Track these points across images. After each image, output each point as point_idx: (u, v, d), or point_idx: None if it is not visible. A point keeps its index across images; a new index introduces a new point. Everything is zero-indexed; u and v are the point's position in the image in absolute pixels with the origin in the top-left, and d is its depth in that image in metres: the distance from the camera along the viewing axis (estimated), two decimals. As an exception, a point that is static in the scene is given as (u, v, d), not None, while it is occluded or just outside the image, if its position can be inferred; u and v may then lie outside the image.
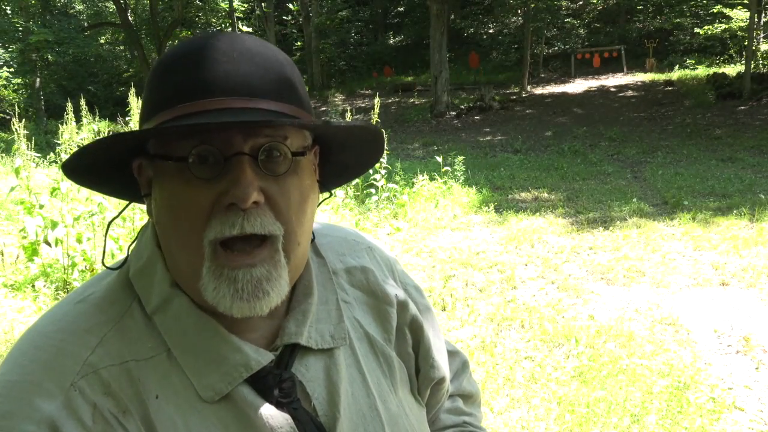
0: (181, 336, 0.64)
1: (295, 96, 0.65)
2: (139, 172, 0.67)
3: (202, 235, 0.60)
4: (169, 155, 0.61)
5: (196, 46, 0.63)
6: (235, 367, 0.64)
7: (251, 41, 0.65)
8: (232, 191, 0.59)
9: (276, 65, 0.64)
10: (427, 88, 18.64)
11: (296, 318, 0.69)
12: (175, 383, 0.63)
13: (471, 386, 0.98)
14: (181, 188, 0.61)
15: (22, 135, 4.13)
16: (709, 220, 5.87)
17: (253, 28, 26.06)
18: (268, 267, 0.62)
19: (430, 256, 5.09)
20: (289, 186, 0.63)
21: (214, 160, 0.60)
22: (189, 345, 0.64)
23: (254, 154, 0.60)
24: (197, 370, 0.63)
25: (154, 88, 0.63)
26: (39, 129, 14.89)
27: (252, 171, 0.60)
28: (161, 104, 0.62)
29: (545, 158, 10.59)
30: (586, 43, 22.99)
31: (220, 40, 0.63)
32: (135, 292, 0.66)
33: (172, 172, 0.61)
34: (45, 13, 21.59)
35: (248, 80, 0.61)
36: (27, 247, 3.98)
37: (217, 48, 0.62)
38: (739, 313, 3.83)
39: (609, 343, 3.45)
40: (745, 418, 2.74)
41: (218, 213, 0.60)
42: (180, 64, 0.62)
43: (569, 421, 2.71)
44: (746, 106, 13.68)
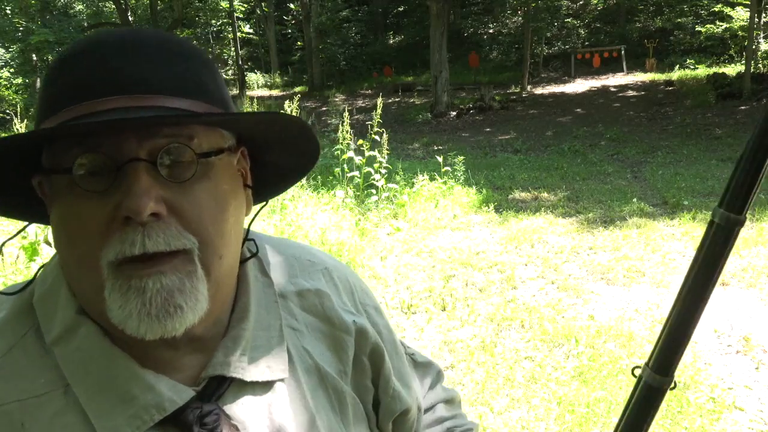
0: (83, 370, 0.55)
1: (203, 90, 0.56)
2: (41, 190, 0.58)
3: (97, 251, 0.52)
4: (56, 168, 0.53)
5: (85, 45, 0.56)
6: (145, 409, 0.55)
7: (151, 35, 0.57)
8: (125, 203, 0.51)
9: (178, 58, 0.56)
10: (427, 88, 18.64)
11: (226, 346, 0.60)
12: (70, 424, 0.54)
13: (447, 393, 0.93)
14: (72, 204, 0.53)
15: (23, 135, 4.14)
16: (709, 220, 5.87)
17: (253, 28, 26.09)
18: (180, 276, 0.53)
19: (430, 256, 5.10)
20: (198, 193, 0.55)
21: (105, 170, 0.52)
22: (93, 381, 0.55)
23: (152, 159, 0.52)
24: (100, 411, 0.54)
25: (41, 93, 0.57)
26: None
27: (149, 178, 0.52)
28: (47, 109, 0.55)
29: (545, 158, 10.59)
30: (587, 43, 23.00)
31: (112, 36, 0.56)
32: (33, 320, 0.58)
33: (62, 186, 0.54)
34: (45, 13, 21.60)
35: (142, 76, 0.53)
36: (27, 247, 3.98)
37: (108, 44, 0.55)
38: (739, 313, 3.83)
39: (609, 343, 3.45)
40: (745, 418, 2.74)
41: (115, 229, 0.52)
42: (67, 65, 0.55)
43: (569, 421, 2.71)
44: (746, 106, 13.68)
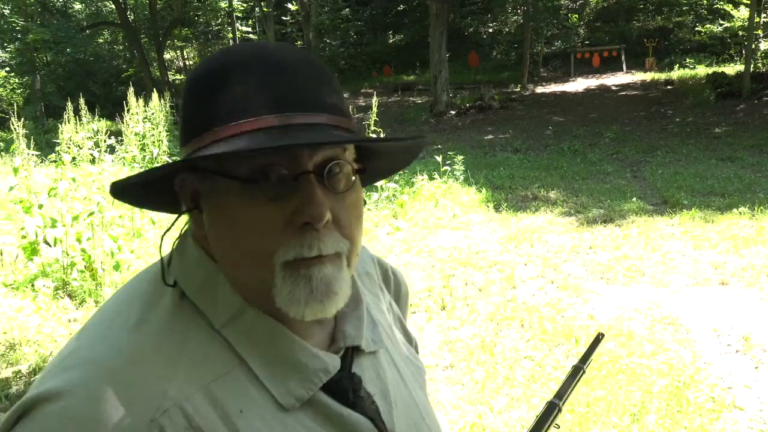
0: (255, 346, 0.63)
1: (343, 107, 0.64)
2: (182, 186, 0.65)
3: (273, 253, 0.59)
4: (230, 173, 0.59)
5: (245, 58, 0.61)
6: (314, 373, 0.64)
7: (296, 52, 0.64)
8: (308, 211, 0.58)
9: (325, 77, 0.64)
10: (427, 87, 18.64)
11: (352, 323, 0.71)
12: (253, 395, 0.61)
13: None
14: (247, 207, 0.59)
15: (21, 134, 4.13)
16: (708, 219, 5.87)
17: (252, 27, 26.06)
18: (333, 268, 0.62)
19: (429, 255, 5.09)
20: (349, 202, 0.63)
21: (282, 179, 0.59)
22: (265, 354, 0.63)
23: (319, 171, 0.60)
24: (275, 379, 0.62)
25: (205, 101, 0.61)
26: (38, 128, 14.87)
27: (321, 189, 0.59)
28: (217, 119, 0.60)
29: (545, 158, 10.58)
30: (587, 42, 22.99)
31: (267, 51, 0.62)
32: (191, 311, 0.63)
33: (234, 190, 0.59)
34: (44, 12, 21.58)
35: (306, 94, 0.61)
36: (26, 246, 3.98)
37: (268, 61, 0.61)
38: (739, 312, 3.83)
39: (608, 343, 3.45)
40: (744, 417, 2.74)
41: (292, 233, 0.59)
42: (236, 78, 0.60)
43: (569, 421, 2.71)
44: (746, 105, 13.68)
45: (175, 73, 27.88)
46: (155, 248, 4.71)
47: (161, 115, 8.13)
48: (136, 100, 7.66)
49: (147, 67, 19.87)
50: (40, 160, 6.74)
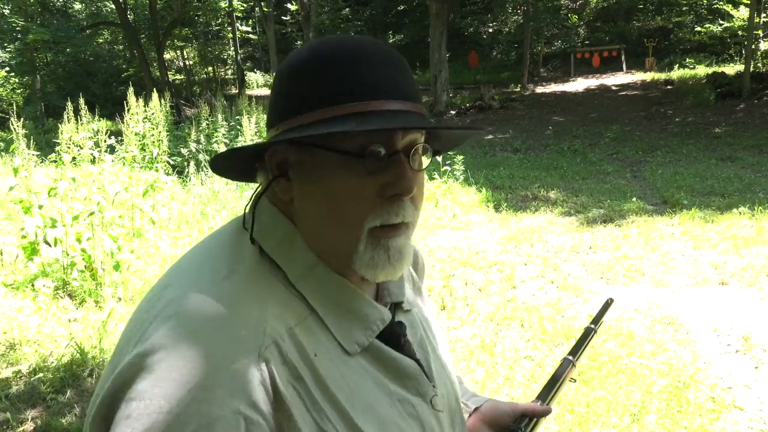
0: (325, 298, 0.71)
1: (420, 96, 0.74)
2: (272, 156, 0.73)
3: (364, 219, 0.68)
4: (334, 147, 0.67)
5: (350, 49, 0.69)
6: (374, 321, 0.73)
7: (387, 47, 0.73)
8: (399, 184, 0.68)
9: (408, 69, 0.73)
10: (427, 87, 18.63)
11: (396, 282, 0.81)
12: (323, 341, 0.68)
13: None
14: (347, 178, 0.68)
15: (21, 134, 4.13)
16: (708, 219, 5.87)
17: (252, 28, 26.06)
18: (404, 238, 0.72)
19: (429, 255, 5.09)
20: (421, 180, 0.74)
21: (378, 157, 0.67)
22: (333, 305, 0.71)
23: (406, 151, 0.69)
24: (341, 327, 0.70)
25: (314, 83, 0.68)
26: (38, 128, 14.87)
27: (408, 167, 0.69)
28: (330, 99, 0.67)
29: (545, 157, 10.58)
30: (587, 42, 22.98)
31: (366, 44, 0.71)
32: (270, 265, 0.71)
33: (335, 162, 0.67)
34: (44, 12, 21.57)
35: (399, 84, 0.70)
36: (26, 246, 3.98)
37: (368, 52, 0.69)
38: (739, 312, 3.83)
39: (608, 343, 3.45)
40: (744, 417, 2.74)
41: (382, 202, 0.68)
42: (344, 64, 0.68)
43: (569, 421, 2.71)
44: (746, 105, 13.68)
45: (175, 73, 27.87)
46: (155, 248, 4.71)
47: (161, 115, 8.13)
48: (136, 100, 7.65)
49: (147, 67, 19.85)
50: (40, 160, 6.74)
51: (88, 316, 3.64)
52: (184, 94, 23.21)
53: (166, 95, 10.93)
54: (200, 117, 9.41)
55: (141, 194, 5.04)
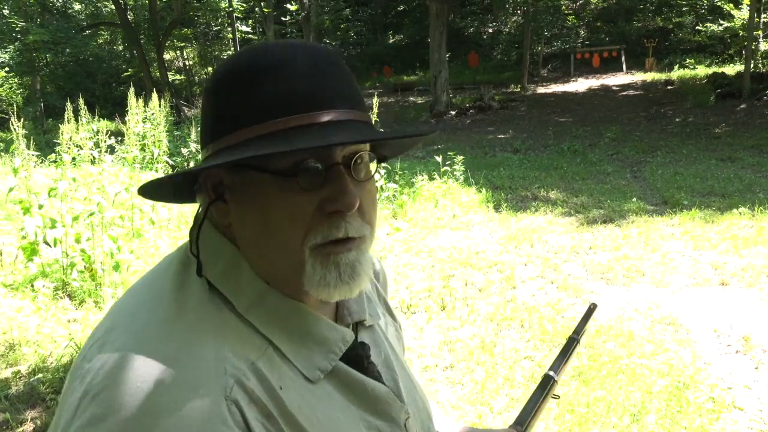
0: (278, 326, 0.66)
1: (361, 99, 0.69)
2: (205, 178, 0.68)
3: (302, 239, 0.64)
4: (266, 168, 0.63)
5: (278, 57, 0.64)
6: (335, 343, 0.69)
7: (323, 51, 0.67)
8: (340, 200, 0.63)
9: (349, 75, 0.68)
10: (427, 87, 18.63)
11: (355, 299, 0.77)
12: (285, 371, 0.64)
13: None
14: (281, 198, 0.63)
15: (21, 134, 4.13)
16: (708, 219, 5.87)
17: (252, 28, 26.05)
18: (357, 253, 0.66)
19: (429, 255, 5.09)
20: (369, 189, 0.68)
21: (316, 171, 0.63)
22: (288, 333, 0.66)
23: (347, 162, 0.65)
24: (300, 355, 0.66)
25: (242, 99, 0.63)
26: (38, 128, 14.87)
27: (349, 179, 0.64)
28: (257, 115, 0.62)
29: (545, 158, 10.58)
30: (587, 43, 22.99)
31: (296, 49, 0.65)
32: (220, 297, 0.65)
33: (267, 182, 0.63)
34: (44, 12, 21.56)
35: (336, 90, 0.64)
36: (26, 247, 3.97)
37: (300, 60, 0.64)
38: (739, 312, 3.83)
39: (608, 343, 3.45)
40: (744, 417, 2.74)
41: (322, 219, 0.64)
42: (271, 75, 0.63)
43: (569, 421, 2.71)
44: (746, 105, 13.68)
45: (175, 73, 27.88)
46: (154, 248, 4.71)
47: (161, 116, 8.13)
48: (136, 100, 7.66)
49: (147, 67, 19.85)
50: (39, 160, 6.74)
51: (88, 317, 3.64)
52: (184, 94, 23.22)
53: (166, 95, 10.93)
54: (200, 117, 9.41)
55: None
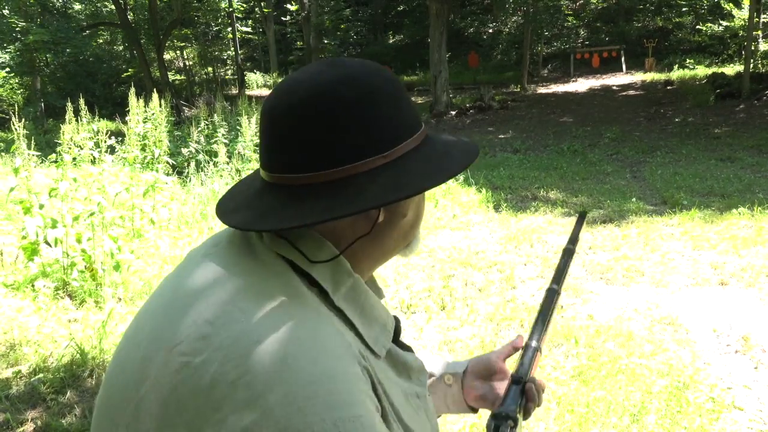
0: (359, 310, 0.71)
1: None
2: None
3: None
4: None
5: (391, 76, 0.73)
6: (390, 323, 0.74)
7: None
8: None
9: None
10: (427, 87, 18.64)
11: (374, 281, 0.85)
12: (367, 352, 0.69)
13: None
14: (422, 201, 0.80)
15: (22, 135, 4.13)
16: (708, 219, 5.87)
17: (252, 28, 26.06)
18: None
19: (429, 255, 5.09)
20: None
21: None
22: (361, 314, 0.71)
23: None
24: (370, 334, 0.70)
25: (394, 113, 0.70)
26: (38, 129, 14.87)
27: None
28: (408, 130, 0.71)
29: (544, 158, 10.58)
30: (587, 43, 23.00)
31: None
32: (310, 287, 0.69)
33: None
34: (44, 12, 21.55)
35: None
36: (26, 247, 3.98)
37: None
38: (738, 312, 3.83)
39: (608, 343, 3.45)
40: (744, 417, 2.74)
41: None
42: (403, 93, 0.73)
43: (569, 421, 2.71)
44: (745, 105, 13.69)
45: (175, 73, 27.88)
46: (155, 248, 4.71)
47: (162, 116, 8.13)
48: (137, 100, 7.66)
49: (147, 67, 19.84)
50: (40, 160, 6.75)
51: (88, 317, 3.64)
52: (184, 94, 23.22)
53: (166, 96, 10.93)
54: (200, 117, 9.42)
55: (141, 195, 5.05)
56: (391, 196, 0.65)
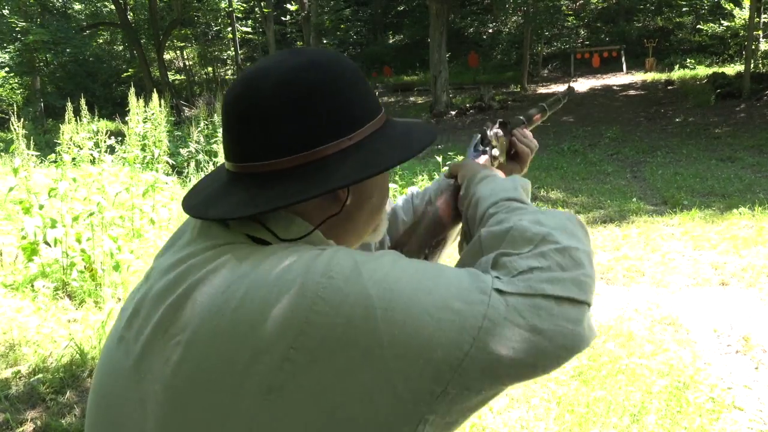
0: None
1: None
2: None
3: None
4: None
5: (351, 64, 0.75)
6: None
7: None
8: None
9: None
10: (427, 87, 18.63)
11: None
12: None
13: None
14: (385, 181, 0.80)
15: (21, 135, 4.13)
16: (708, 219, 5.86)
17: (252, 28, 26.06)
18: None
19: (429, 255, 5.09)
20: None
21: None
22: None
23: None
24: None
25: (357, 97, 0.72)
26: (38, 129, 14.87)
27: None
28: (371, 113, 0.73)
29: (545, 158, 10.58)
30: (587, 43, 22.99)
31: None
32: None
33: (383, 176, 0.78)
34: (44, 12, 21.55)
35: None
36: (26, 247, 3.98)
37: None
38: (739, 312, 3.83)
39: (608, 343, 3.45)
40: (744, 417, 2.74)
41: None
42: (363, 79, 0.74)
43: (569, 421, 2.71)
44: (746, 105, 13.68)
45: (175, 73, 27.88)
46: (154, 248, 4.70)
47: (162, 116, 8.13)
48: (137, 100, 7.66)
49: (147, 67, 19.86)
50: (39, 160, 6.75)
51: (88, 317, 3.64)
52: (184, 94, 23.22)
53: (166, 96, 10.93)
54: (200, 117, 9.42)
55: (141, 195, 5.04)
56: (361, 174, 0.67)
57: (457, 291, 0.60)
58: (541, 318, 0.59)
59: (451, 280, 0.61)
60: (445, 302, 0.58)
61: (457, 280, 0.61)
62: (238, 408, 0.57)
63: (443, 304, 0.58)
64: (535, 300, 0.60)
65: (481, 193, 0.85)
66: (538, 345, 0.59)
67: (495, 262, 0.65)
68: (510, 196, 0.82)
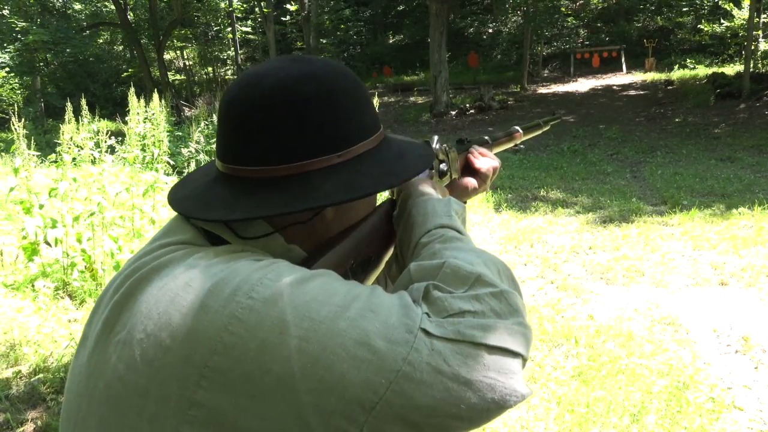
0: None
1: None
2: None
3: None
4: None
5: (357, 79, 0.75)
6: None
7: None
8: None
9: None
10: (427, 87, 18.63)
11: None
12: None
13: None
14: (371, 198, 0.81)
15: (22, 135, 4.13)
16: (708, 219, 5.87)
17: (252, 28, 26.06)
18: None
19: (429, 255, 5.09)
20: None
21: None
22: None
23: None
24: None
25: (354, 113, 0.71)
26: (38, 129, 14.86)
27: None
28: (367, 131, 0.73)
29: (545, 158, 10.58)
30: (587, 43, 22.99)
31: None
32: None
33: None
34: (44, 12, 21.55)
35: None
36: (26, 247, 3.98)
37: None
38: (739, 312, 3.83)
39: (608, 343, 3.45)
40: (744, 417, 2.74)
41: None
42: (365, 94, 0.73)
43: (569, 421, 2.71)
44: (746, 105, 13.68)
45: (175, 73, 27.87)
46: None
47: (162, 116, 8.13)
48: (137, 100, 7.66)
49: (147, 67, 19.85)
50: (40, 160, 6.75)
51: (87, 317, 3.64)
52: (184, 94, 23.22)
53: (166, 96, 10.93)
54: (200, 117, 9.42)
55: (141, 195, 5.04)
56: (342, 197, 0.66)
57: (382, 327, 0.56)
58: (468, 367, 0.55)
59: (378, 314, 0.57)
60: (366, 338, 0.55)
61: (386, 314, 0.57)
62: (165, 415, 0.56)
63: (363, 340, 0.55)
64: (463, 347, 0.56)
65: (413, 218, 0.78)
66: (462, 396, 0.55)
67: (426, 292, 0.61)
68: (443, 223, 0.75)
